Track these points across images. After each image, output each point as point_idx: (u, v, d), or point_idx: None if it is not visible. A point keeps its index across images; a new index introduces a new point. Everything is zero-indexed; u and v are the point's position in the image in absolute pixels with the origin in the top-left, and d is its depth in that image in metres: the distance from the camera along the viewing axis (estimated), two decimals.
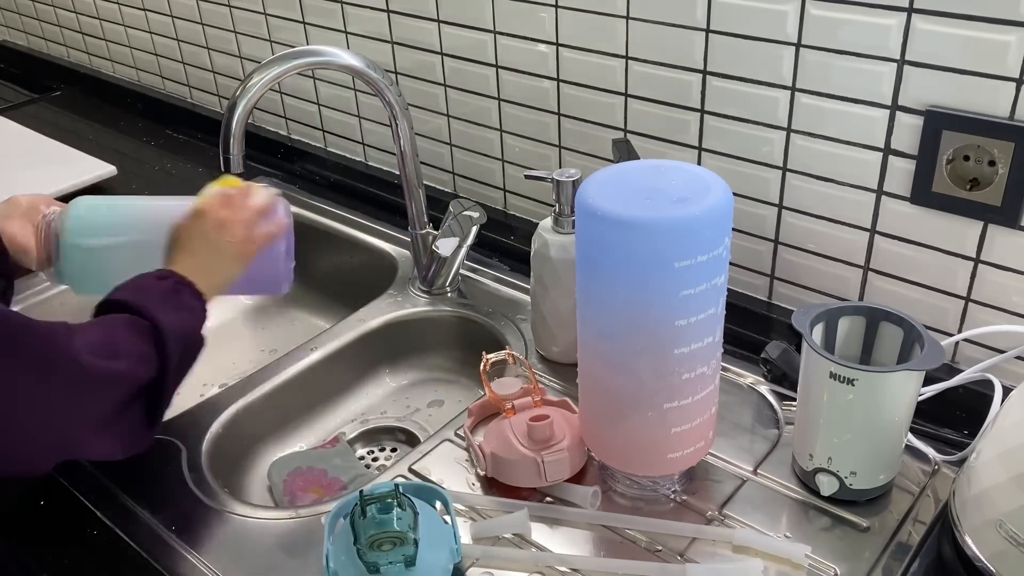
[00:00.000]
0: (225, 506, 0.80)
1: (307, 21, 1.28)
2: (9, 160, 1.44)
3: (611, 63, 0.96)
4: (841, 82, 0.81)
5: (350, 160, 1.35)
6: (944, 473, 0.78)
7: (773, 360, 0.88)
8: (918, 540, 0.72)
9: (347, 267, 1.25)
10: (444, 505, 0.73)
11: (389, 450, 1.01)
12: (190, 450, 0.86)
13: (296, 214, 1.30)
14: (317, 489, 0.90)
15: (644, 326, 0.67)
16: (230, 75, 1.48)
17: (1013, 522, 0.62)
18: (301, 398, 1.00)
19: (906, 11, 0.75)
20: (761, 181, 0.91)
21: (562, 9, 0.98)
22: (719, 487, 0.78)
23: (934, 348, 0.70)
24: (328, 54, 0.95)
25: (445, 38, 1.11)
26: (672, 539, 0.73)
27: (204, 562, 0.74)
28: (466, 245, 1.06)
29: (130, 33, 1.64)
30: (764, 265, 0.95)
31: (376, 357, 1.07)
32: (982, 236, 0.79)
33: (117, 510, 0.80)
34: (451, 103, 1.16)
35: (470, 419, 0.86)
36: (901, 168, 0.81)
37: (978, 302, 0.82)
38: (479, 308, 1.06)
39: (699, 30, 0.88)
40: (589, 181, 0.69)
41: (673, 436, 0.73)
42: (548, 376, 0.93)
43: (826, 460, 0.74)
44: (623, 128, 0.99)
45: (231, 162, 0.92)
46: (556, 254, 0.89)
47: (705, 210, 0.64)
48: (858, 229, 0.86)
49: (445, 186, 1.23)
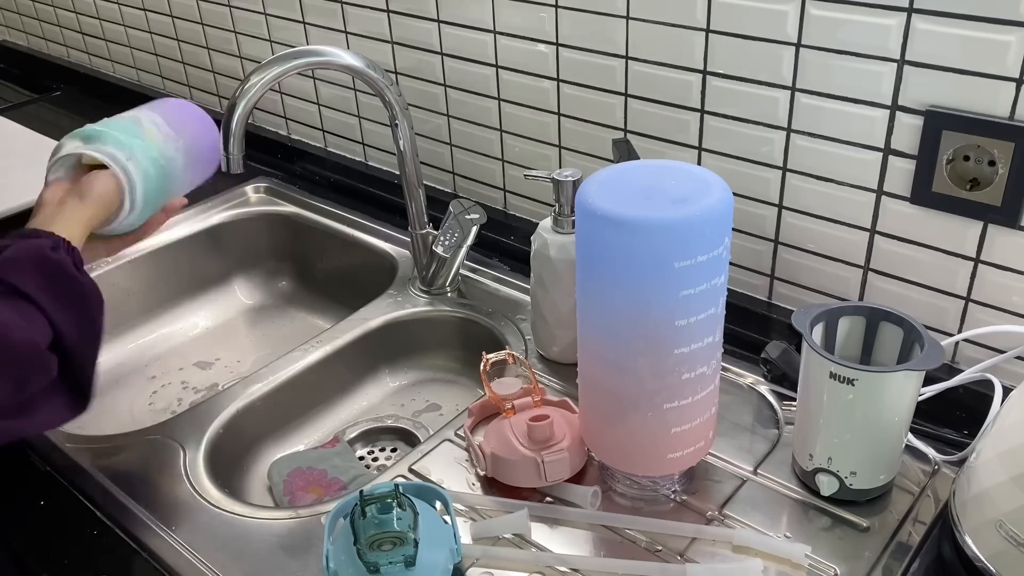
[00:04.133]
0: (225, 506, 0.80)
1: (307, 21, 1.28)
2: (9, 160, 1.44)
3: (611, 63, 0.96)
4: (841, 82, 0.81)
5: (350, 160, 1.35)
6: (944, 473, 0.78)
7: (773, 360, 0.88)
8: (918, 540, 0.72)
9: (347, 267, 1.25)
10: (444, 505, 0.73)
11: (389, 450, 1.01)
12: (190, 450, 0.86)
13: (296, 214, 1.31)
14: (317, 489, 0.90)
15: (644, 326, 0.67)
16: (230, 75, 1.48)
17: (1013, 522, 0.62)
18: (301, 398, 1.00)
19: (906, 11, 0.75)
20: (761, 181, 0.91)
21: (562, 9, 0.98)
22: (719, 487, 0.78)
23: (934, 348, 0.70)
24: (328, 54, 0.95)
25: (445, 38, 1.11)
26: (672, 539, 0.73)
27: (204, 562, 0.74)
28: (466, 245, 1.06)
29: (130, 33, 1.64)
30: (764, 265, 0.95)
31: (376, 357, 1.07)
32: (982, 236, 0.79)
33: (117, 510, 0.80)
34: (451, 103, 1.16)
35: (470, 419, 0.86)
36: (901, 168, 0.81)
37: (978, 302, 0.82)
38: (479, 308, 1.06)
39: (699, 30, 0.88)
40: (589, 181, 0.69)
41: (673, 436, 0.73)
42: (548, 376, 0.93)
43: (826, 460, 0.74)
44: (623, 128, 0.99)
45: (231, 162, 0.92)
46: (556, 254, 0.89)
47: (705, 210, 0.64)
48: (858, 229, 0.86)
49: (445, 186, 1.23)
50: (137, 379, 1.17)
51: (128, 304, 1.22)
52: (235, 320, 1.28)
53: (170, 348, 1.22)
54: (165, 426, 0.90)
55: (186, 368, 1.18)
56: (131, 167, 0.84)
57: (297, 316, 1.28)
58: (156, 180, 0.87)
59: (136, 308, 1.23)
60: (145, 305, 1.23)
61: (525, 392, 0.82)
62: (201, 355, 1.21)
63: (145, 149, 0.86)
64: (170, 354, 1.21)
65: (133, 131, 0.87)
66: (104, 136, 0.84)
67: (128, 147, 0.84)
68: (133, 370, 1.18)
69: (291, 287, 1.33)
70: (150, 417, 1.08)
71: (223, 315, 1.28)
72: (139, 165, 0.85)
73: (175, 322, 1.25)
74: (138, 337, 1.22)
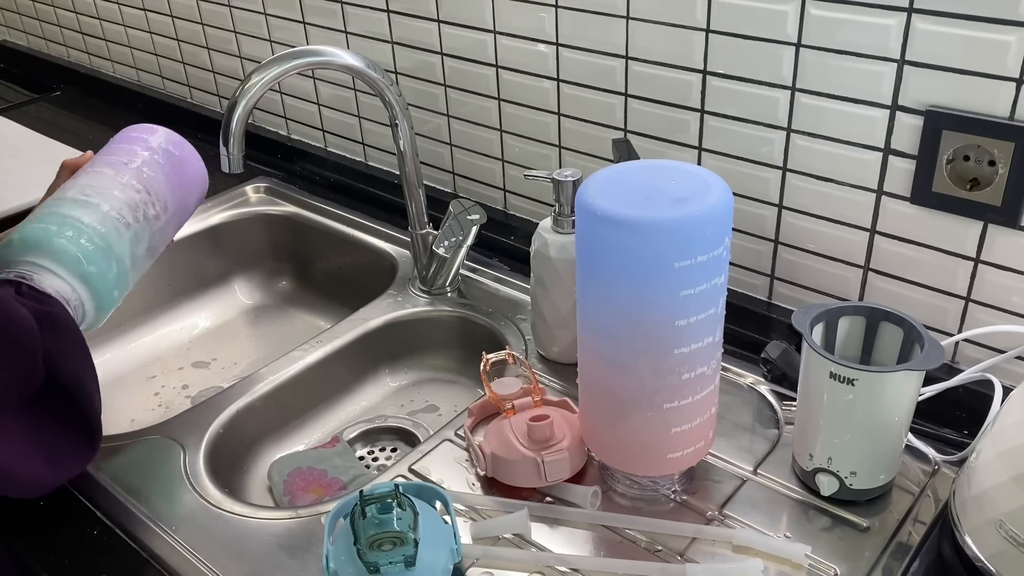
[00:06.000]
0: (225, 506, 0.80)
1: (307, 21, 1.28)
2: (9, 160, 1.44)
3: (611, 63, 0.96)
4: (841, 82, 0.81)
5: (350, 160, 1.35)
6: (944, 473, 0.78)
7: (773, 360, 0.88)
8: (918, 540, 0.72)
9: (347, 267, 1.25)
10: (444, 505, 0.73)
11: (389, 450, 1.01)
12: (190, 450, 0.86)
13: (296, 214, 1.31)
14: (317, 489, 0.90)
15: (644, 326, 0.67)
16: (230, 75, 1.48)
17: (1013, 522, 0.62)
18: (301, 398, 1.00)
19: (906, 11, 0.75)
20: (761, 181, 0.91)
21: (562, 9, 0.98)
22: (719, 487, 0.78)
23: (934, 348, 0.70)
24: (328, 54, 0.95)
25: (445, 38, 1.11)
26: (672, 539, 0.73)
27: (204, 562, 0.74)
28: (466, 245, 1.06)
29: (130, 33, 1.64)
30: (764, 265, 0.95)
31: (376, 357, 1.07)
32: (982, 236, 0.79)
33: (117, 510, 0.80)
34: (451, 103, 1.16)
35: (470, 419, 0.86)
36: (901, 168, 0.81)
37: (978, 302, 0.82)
38: (479, 308, 1.06)
39: (699, 30, 0.88)
40: (589, 181, 0.69)
41: (673, 436, 0.73)
42: (548, 376, 0.93)
43: (826, 460, 0.74)
44: (623, 128, 0.99)
45: (231, 162, 0.92)
46: (556, 254, 0.89)
47: (705, 210, 0.64)
48: (858, 229, 0.86)
49: (445, 186, 1.23)
50: (137, 379, 1.17)
51: (128, 304, 1.22)
52: (235, 320, 1.28)
53: (170, 348, 1.22)
54: (165, 426, 0.90)
55: (186, 368, 1.18)
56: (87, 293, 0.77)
57: (297, 316, 1.28)
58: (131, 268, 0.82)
59: (136, 308, 1.23)
60: (145, 305, 1.23)
61: (525, 392, 0.82)
62: (201, 355, 1.21)
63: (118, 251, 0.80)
64: (170, 354, 1.21)
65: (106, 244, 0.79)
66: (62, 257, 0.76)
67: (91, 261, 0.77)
68: (133, 370, 1.18)
69: (291, 287, 1.33)
70: (150, 417, 1.09)
71: (223, 315, 1.28)
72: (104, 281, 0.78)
73: (175, 322, 1.26)
74: (138, 337, 1.22)
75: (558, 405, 0.84)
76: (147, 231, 0.84)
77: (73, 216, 0.78)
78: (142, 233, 0.83)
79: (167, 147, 0.90)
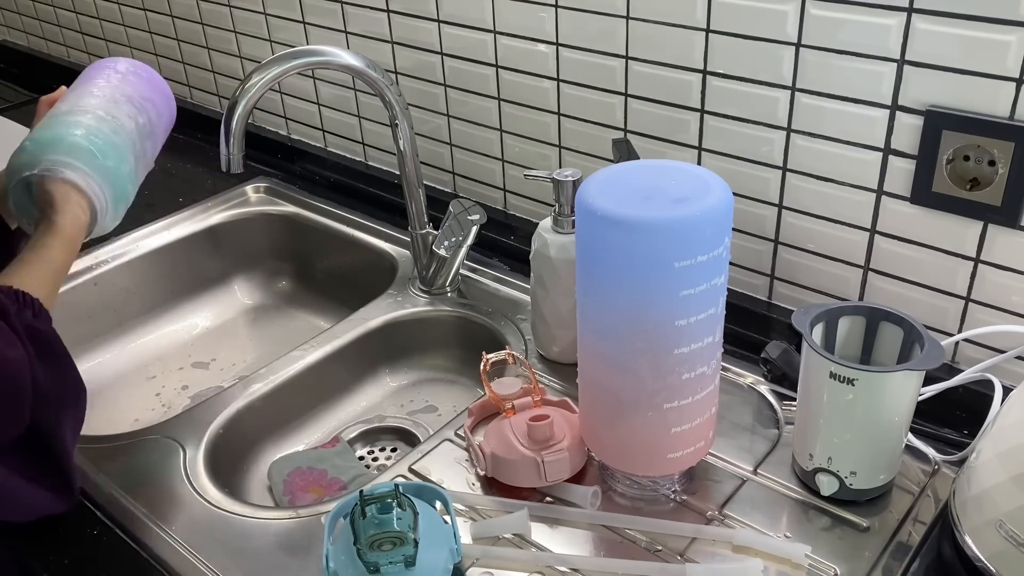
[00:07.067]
0: (225, 506, 0.80)
1: (307, 21, 1.28)
2: None
3: (611, 63, 0.96)
4: (841, 82, 0.81)
5: (350, 160, 1.35)
6: (944, 473, 0.78)
7: (773, 360, 0.88)
8: (918, 540, 0.72)
9: (347, 267, 1.25)
10: (444, 505, 0.73)
11: (389, 450, 1.01)
12: (190, 450, 0.86)
13: (296, 214, 1.31)
14: (317, 489, 0.90)
15: (644, 326, 0.67)
16: (230, 75, 1.48)
17: (1013, 522, 0.62)
18: (301, 398, 1.00)
19: (906, 11, 0.75)
20: (761, 181, 0.91)
21: (562, 9, 0.98)
22: (719, 487, 0.78)
23: (934, 348, 0.70)
24: (328, 54, 0.95)
25: (445, 38, 1.11)
26: (672, 539, 0.73)
27: (204, 562, 0.74)
28: (466, 245, 1.06)
29: (130, 33, 1.64)
30: (764, 265, 0.95)
31: (376, 357, 1.07)
32: (982, 236, 0.79)
33: (117, 510, 0.80)
34: (451, 103, 1.16)
35: (470, 419, 0.86)
36: (901, 168, 0.81)
37: (978, 302, 0.82)
38: (479, 308, 1.06)
39: (699, 30, 0.88)
40: (589, 181, 0.69)
41: (673, 436, 0.73)
42: (548, 376, 0.93)
43: (826, 460, 0.74)
44: (623, 128, 0.99)
45: (231, 162, 0.92)
46: (556, 254, 0.89)
47: (705, 210, 0.64)
48: (858, 229, 0.86)
49: (445, 186, 1.23)
50: (137, 379, 1.17)
51: (128, 304, 1.22)
52: (235, 320, 1.28)
53: (170, 348, 1.22)
54: (165, 426, 0.90)
55: (186, 368, 1.18)
56: (101, 189, 0.80)
57: (297, 316, 1.28)
58: (128, 174, 0.85)
59: (136, 308, 1.23)
60: (145, 305, 1.24)
61: (525, 392, 0.82)
62: (201, 355, 1.21)
63: (119, 159, 0.83)
64: (170, 354, 1.21)
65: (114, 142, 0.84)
66: (76, 152, 0.80)
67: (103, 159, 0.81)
68: (133, 370, 1.18)
69: (291, 287, 1.33)
70: (150, 417, 1.09)
71: (223, 315, 1.28)
72: (110, 177, 0.82)
73: (175, 322, 1.25)
74: (138, 337, 1.22)
75: (558, 405, 0.84)
76: (138, 137, 0.88)
77: (75, 120, 0.83)
78: (136, 138, 0.87)
79: (134, 70, 0.95)
